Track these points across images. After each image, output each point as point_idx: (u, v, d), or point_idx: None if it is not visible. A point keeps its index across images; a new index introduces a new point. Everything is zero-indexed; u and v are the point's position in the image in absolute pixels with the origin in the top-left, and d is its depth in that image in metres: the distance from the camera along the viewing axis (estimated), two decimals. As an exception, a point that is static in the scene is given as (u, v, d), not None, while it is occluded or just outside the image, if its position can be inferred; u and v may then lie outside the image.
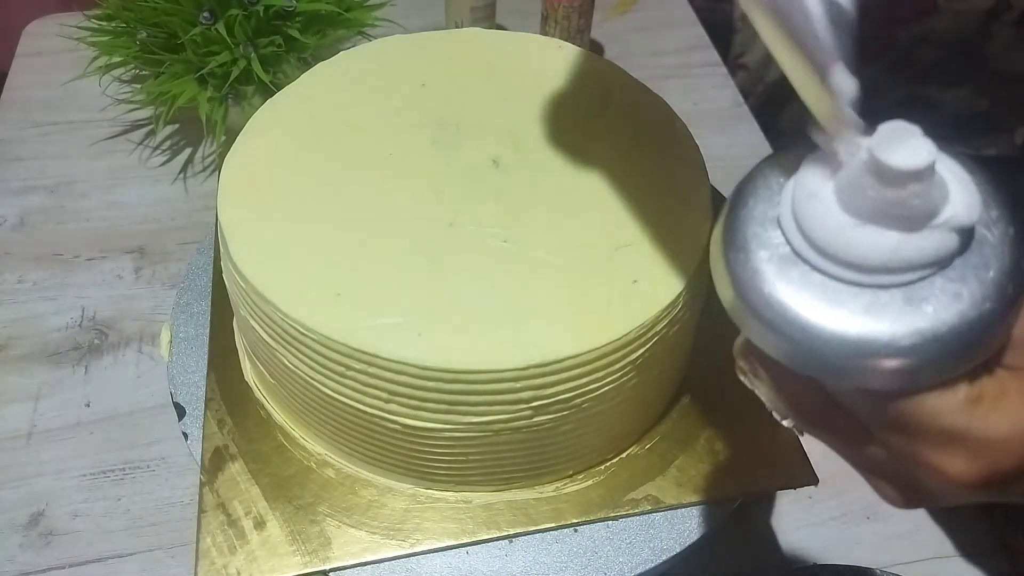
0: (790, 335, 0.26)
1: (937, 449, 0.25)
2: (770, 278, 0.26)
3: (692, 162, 0.46)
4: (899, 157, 0.23)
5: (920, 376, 0.25)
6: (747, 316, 0.27)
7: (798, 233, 0.26)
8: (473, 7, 0.76)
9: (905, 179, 0.23)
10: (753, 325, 0.27)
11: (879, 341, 0.25)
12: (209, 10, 0.64)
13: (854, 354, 0.25)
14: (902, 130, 0.24)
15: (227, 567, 0.41)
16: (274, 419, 0.47)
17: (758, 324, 0.27)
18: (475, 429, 0.39)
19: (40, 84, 0.80)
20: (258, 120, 0.47)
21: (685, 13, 0.92)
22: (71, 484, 0.53)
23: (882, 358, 0.25)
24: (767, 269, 0.26)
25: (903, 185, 0.23)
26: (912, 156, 0.23)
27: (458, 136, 0.46)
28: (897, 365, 0.25)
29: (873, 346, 0.25)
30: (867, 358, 0.25)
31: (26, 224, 0.69)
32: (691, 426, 0.47)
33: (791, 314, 0.26)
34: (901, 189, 0.23)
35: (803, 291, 0.26)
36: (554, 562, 0.43)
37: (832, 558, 0.52)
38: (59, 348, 0.60)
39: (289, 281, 0.40)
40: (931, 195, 0.24)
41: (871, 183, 0.24)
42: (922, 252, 0.24)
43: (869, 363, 0.25)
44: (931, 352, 0.24)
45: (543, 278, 0.40)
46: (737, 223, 0.28)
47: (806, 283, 0.26)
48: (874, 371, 0.25)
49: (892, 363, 0.25)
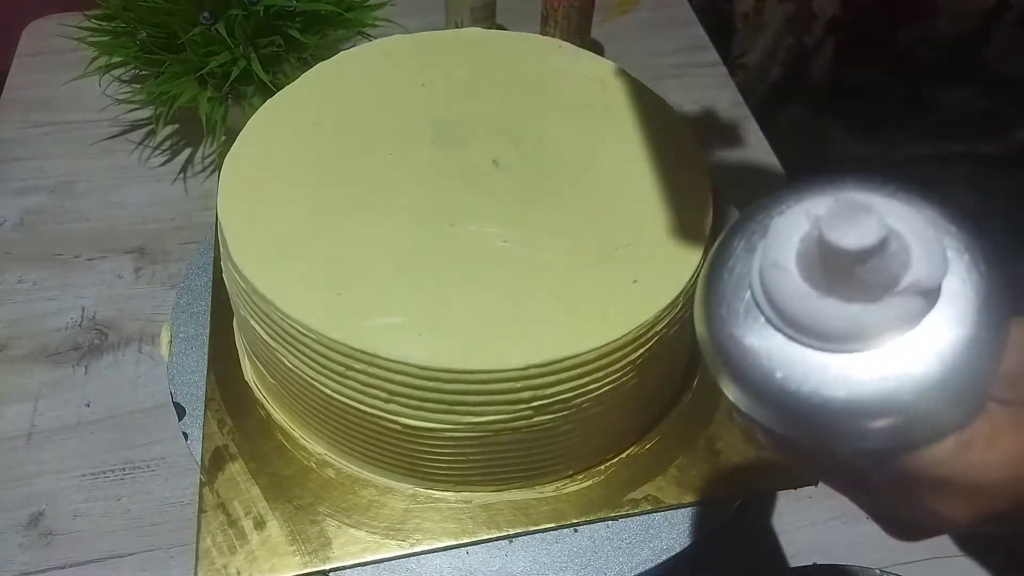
0: (769, 405, 0.25)
1: (933, 496, 0.26)
2: (748, 346, 0.26)
3: (692, 162, 0.46)
4: (847, 238, 0.22)
5: (911, 434, 0.25)
6: (726, 380, 0.27)
7: (766, 302, 0.26)
8: (473, 7, 0.76)
9: (855, 259, 0.23)
10: (732, 390, 0.27)
11: (861, 405, 0.24)
12: (209, 10, 0.64)
13: (838, 419, 0.24)
14: (853, 206, 0.23)
15: (227, 567, 0.41)
16: (274, 419, 0.47)
17: (738, 391, 0.26)
18: (475, 429, 0.39)
19: (40, 84, 0.80)
20: (258, 120, 0.47)
21: (685, 13, 0.92)
22: (71, 484, 0.53)
23: (866, 420, 0.24)
24: (743, 336, 0.26)
25: (855, 263, 0.23)
26: (860, 236, 0.22)
27: (458, 136, 0.46)
28: (882, 425, 0.24)
29: (855, 410, 0.24)
30: (851, 422, 0.24)
31: (26, 224, 0.69)
32: (691, 426, 0.47)
33: (766, 383, 0.25)
34: (854, 266, 0.23)
35: (775, 357, 0.25)
36: (554, 562, 0.43)
37: (832, 558, 0.52)
38: (59, 348, 0.60)
39: (289, 281, 0.40)
40: (888, 266, 0.23)
41: (824, 259, 0.24)
42: (887, 320, 0.24)
43: (852, 427, 0.24)
44: (916, 409, 0.24)
45: (543, 278, 0.40)
46: (714, 283, 0.27)
47: (781, 350, 0.25)
48: (860, 434, 0.25)
49: (878, 424, 0.24)
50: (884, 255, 0.23)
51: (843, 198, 0.24)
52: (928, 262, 0.24)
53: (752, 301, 0.26)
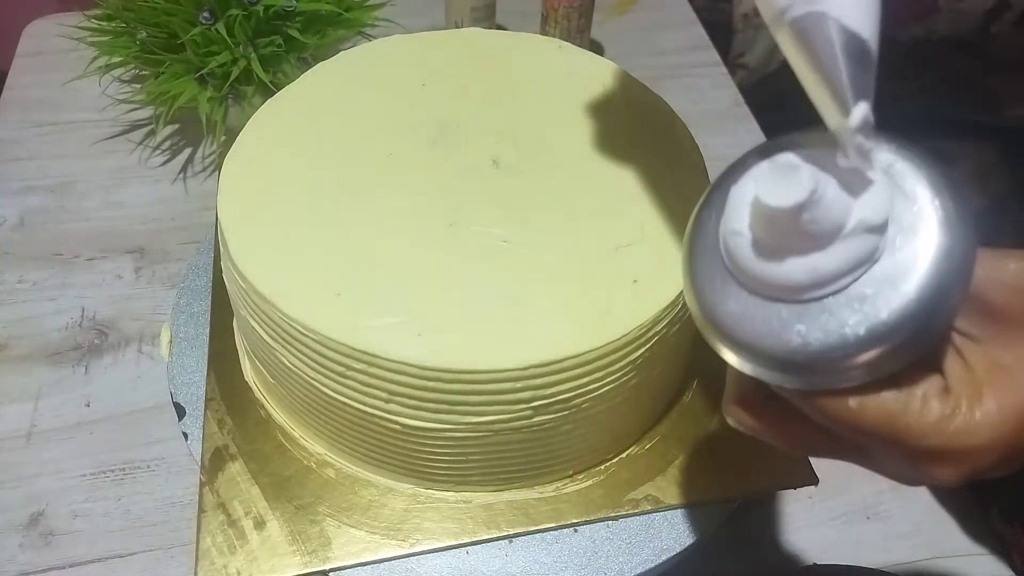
0: (761, 363, 0.27)
1: (925, 462, 0.27)
2: (728, 312, 0.27)
3: (692, 162, 0.46)
4: (777, 198, 0.24)
5: (891, 364, 0.26)
6: (720, 347, 0.29)
7: (734, 268, 0.27)
8: (473, 7, 0.76)
9: (792, 214, 0.24)
10: (729, 356, 0.28)
11: (839, 346, 0.25)
12: (209, 10, 0.64)
13: (823, 363, 0.26)
14: (783, 167, 0.24)
15: (227, 567, 0.41)
16: (274, 419, 0.47)
17: (733, 356, 0.28)
18: (475, 429, 0.39)
19: (40, 84, 0.80)
20: (258, 120, 0.47)
21: (685, 13, 0.92)
22: (71, 484, 0.53)
23: (849, 359, 0.26)
24: (724, 303, 0.28)
25: (794, 218, 0.24)
26: (789, 194, 0.24)
27: (458, 136, 0.46)
28: (863, 360, 0.25)
29: (836, 351, 0.26)
30: (835, 363, 0.26)
31: (26, 224, 0.69)
32: (691, 426, 0.47)
33: (753, 343, 0.27)
34: (792, 222, 0.24)
35: (755, 318, 0.27)
36: (554, 562, 0.43)
37: (832, 558, 0.52)
38: (59, 348, 0.60)
39: (289, 281, 0.40)
40: (829, 215, 0.24)
41: (767, 220, 0.25)
42: (844, 262, 0.25)
43: (837, 367, 0.26)
44: (893, 337, 0.25)
45: (543, 278, 0.40)
46: (693, 256, 0.29)
47: (757, 311, 0.27)
48: (845, 374, 0.26)
49: (860, 359, 0.25)
50: (820, 206, 0.24)
51: (777, 160, 0.25)
52: (873, 201, 0.25)
53: (724, 269, 0.28)
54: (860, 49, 0.24)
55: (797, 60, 0.25)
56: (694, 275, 0.29)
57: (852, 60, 0.24)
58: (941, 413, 0.26)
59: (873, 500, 0.54)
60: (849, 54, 0.24)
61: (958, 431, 0.26)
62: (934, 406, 0.26)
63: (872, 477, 0.30)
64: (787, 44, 0.25)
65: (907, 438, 0.27)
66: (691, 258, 0.29)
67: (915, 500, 0.54)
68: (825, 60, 0.24)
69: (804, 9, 0.24)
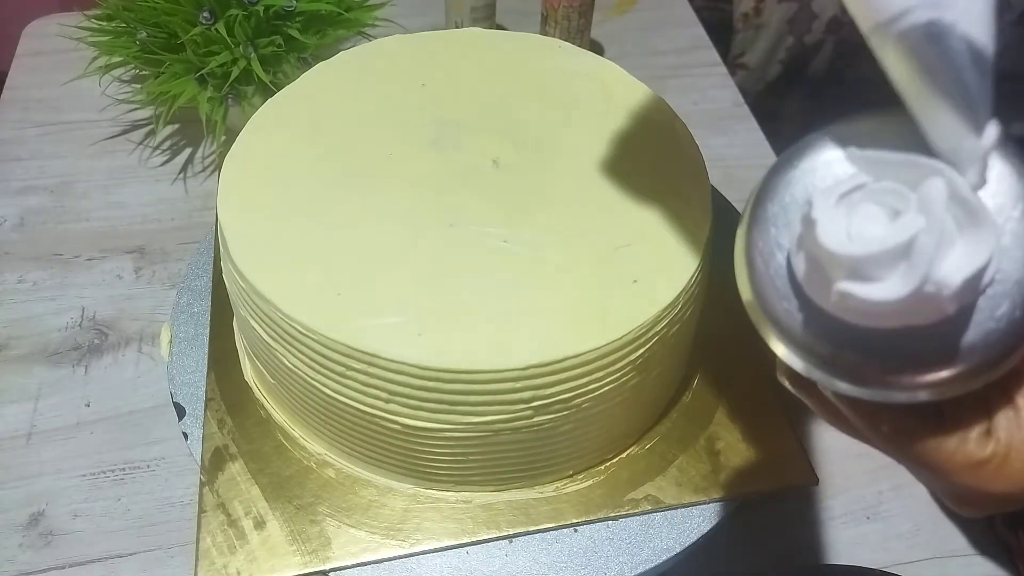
0: (801, 356, 0.26)
1: (957, 497, 0.28)
2: (780, 300, 0.26)
3: (692, 162, 0.46)
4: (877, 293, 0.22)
5: (950, 389, 0.25)
6: (764, 330, 0.27)
7: (798, 273, 0.25)
8: (473, 7, 0.76)
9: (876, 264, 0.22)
10: (770, 339, 0.27)
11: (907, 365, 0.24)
12: (209, 10, 0.64)
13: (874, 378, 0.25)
14: (878, 202, 0.23)
15: (227, 567, 0.41)
16: (274, 419, 0.47)
17: (775, 340, 0.27)
18: (475, 429, 0.39)
19: (40, 84, 0.80)
20: (258, 120, 0.47)
21: (685, 13, 0.92)
22: (71, 484, 0.53)
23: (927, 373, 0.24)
24: (779, 290, 0.26)
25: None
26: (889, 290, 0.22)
27: (458, 136, 0.46)
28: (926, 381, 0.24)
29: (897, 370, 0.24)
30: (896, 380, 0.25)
31: (26, 224, 0.69)
32: (691, 426, 0.47)
33: (799, 338, 0.26)
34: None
35: (809, 320, 0.25)
36: (554, 562, 0.43)
37: (832, 558, 0.52)
38: (59, 348, 0.60)
39: (289, 281, 0.40)
40: (922, 266, 0.22)
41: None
42: (930, 310, 0.23)
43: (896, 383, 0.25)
44: (962, 364, 0.24)
45: (543, 278, 0.40)
46: (753, 235, 0.27)
47: (811, 312, 0.25)
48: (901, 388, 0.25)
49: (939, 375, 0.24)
50: (918, 259, 0.22)
51: (875, 191, 0.23)
52: (975, 248, 0.23)
53: (789, 271, 0.26)
54: (984, 63, 0.22)
55: (908, 71, 0.23)
56: (753, 268, 0.27)
57: (979, 74, 0.22)
58: (979, 457, 0.26)
59: (873, 500, 0.54)
60: (976, 68, 0.22)
61: (983, 479, 0.26)
62: (971, 449, 0.26)
63: (872, 477, 0.30)
64: (896, 53, 0.23)
65: (939, 473, 0.26)
66: (750, 252, 0.27)
67: (915, 500, 0.54)
68: (950, 73, 0.22)
69: (927, 16, 0.22)
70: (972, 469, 0.26)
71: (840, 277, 0.23)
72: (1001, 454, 0.26)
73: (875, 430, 0.28)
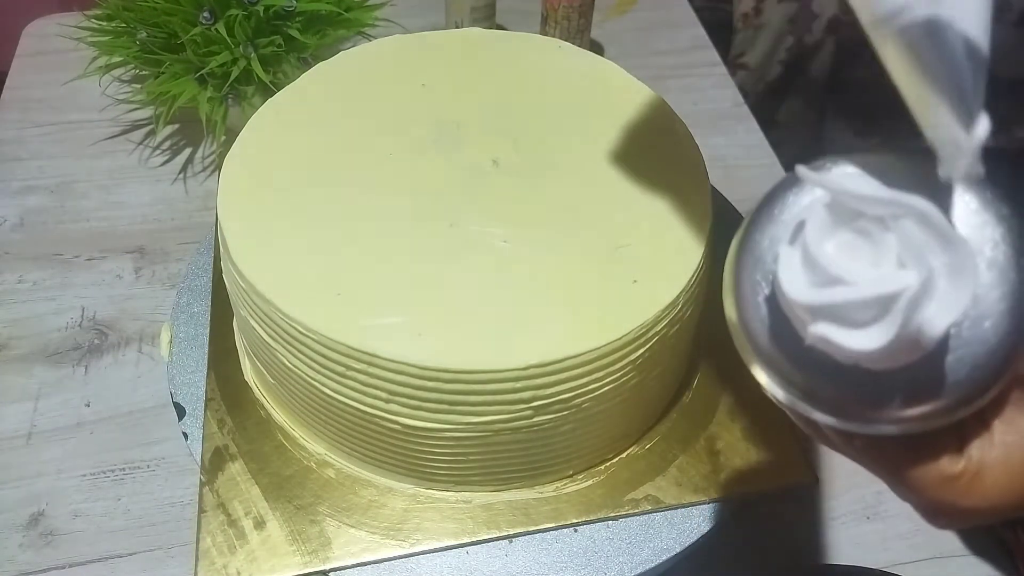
0: (780, 383, 0.26)
1: (929, 511, 0.28)
2: (764, 330, 0.26)
3: (692, 162, 0.46)
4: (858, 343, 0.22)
5: (930, 422, 0.25)
6: (745, 352, 0.27)
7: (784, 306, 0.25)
8: (473, 7, 0.76)
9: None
10: (751, 365, 0.27)
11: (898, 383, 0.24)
12: (209, 10, 0.64)
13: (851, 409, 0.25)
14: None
15: (227, 567, 0.41)
16: (274, 419, 0.47)
17: (756, 366, 0.27)
18: (475, 429, 0.39)
19: (40, 84, 0.80)
20: (258, 120, 0.47)
21: (685, 13, 0.92)
22: (71, 484, 0.53)
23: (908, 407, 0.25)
24: (763, 320, 0.26)
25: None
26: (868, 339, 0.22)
27: (458, 136, 0.46)
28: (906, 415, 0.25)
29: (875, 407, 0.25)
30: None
31: (26, 224, 0.69)
32: (691, 426, 0.47)
33: (780, 366, 0.26)
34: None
35: (797, 354, 0.25)
36: (554, 562, 0.43)
37: (832, 558, 0.52)
38: (59, 348, 0.60)
39: (289, 281, 0.40)
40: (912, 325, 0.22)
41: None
42: (910, 350, 0.23)
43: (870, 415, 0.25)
44: (940, 400, 0.24)
45: (543, 278, 0.40)
46: (742, 259, 0.27)
47: (798, 347, 0.25)
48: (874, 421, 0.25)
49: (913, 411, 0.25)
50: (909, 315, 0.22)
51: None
52: (955, 296, 0.22)
53: (774, 304, 0.26)
54: (979, 60, 0.23)
55: (905, 65, 0.23)
56: (740, 293, 0.27)
57: (974, 69, 0.22)
58: (950, 473, 0.26)
59: (873, 500, 0.54)
60: (971, 63, 0.22)
61: (957, 494, 0.26)
62: (944, 464, 0.26)
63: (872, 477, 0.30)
64: (894, 48, 0.23)
65: (911, 487, 0.27)
66: (739, 275, 0.27)
67: (915, 500, 0.54)
68: (946, 67, 0.22)
69: (925, 13, 0.22)
70: (944, 484, 0.26)
71: (817, 319, 0.23)
72: (972, 471, 0.26)
73: (848, 444, 0.28)
